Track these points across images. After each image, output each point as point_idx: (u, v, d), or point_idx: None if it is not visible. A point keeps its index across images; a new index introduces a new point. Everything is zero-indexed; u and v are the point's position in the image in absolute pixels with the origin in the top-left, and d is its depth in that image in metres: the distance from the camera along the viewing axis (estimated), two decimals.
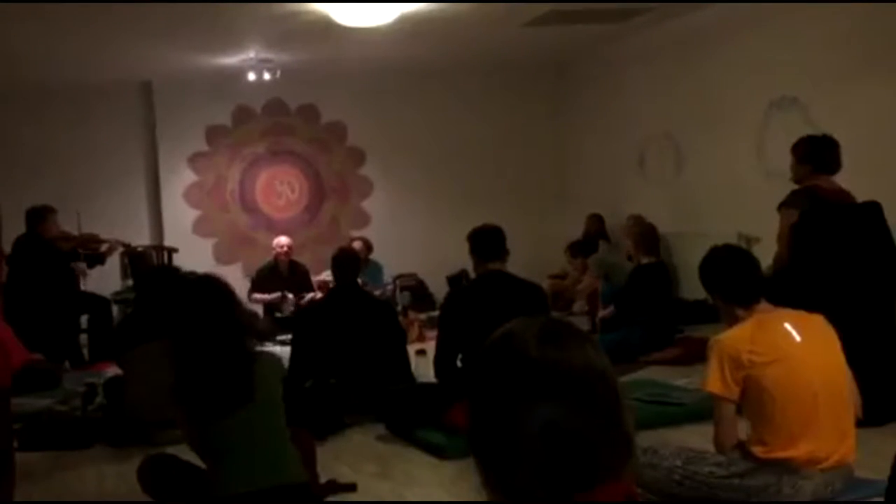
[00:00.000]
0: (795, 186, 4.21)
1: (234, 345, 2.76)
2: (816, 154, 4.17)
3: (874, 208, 4.09)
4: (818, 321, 2.89)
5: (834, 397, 2.78)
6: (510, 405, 0.96)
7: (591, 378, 0.96)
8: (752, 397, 2.75)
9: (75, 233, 6.93)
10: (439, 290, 8.27)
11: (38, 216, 6.52)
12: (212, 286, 2.87)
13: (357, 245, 7.81)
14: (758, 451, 2.76)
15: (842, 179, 4.22)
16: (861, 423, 2.89)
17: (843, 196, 4.13)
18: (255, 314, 3.66)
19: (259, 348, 2.94)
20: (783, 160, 4.39)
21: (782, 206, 4.10)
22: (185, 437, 2.85)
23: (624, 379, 4.95)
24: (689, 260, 7.10)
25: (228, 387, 2.69)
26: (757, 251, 5.29)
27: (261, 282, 7.72)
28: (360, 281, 5.34)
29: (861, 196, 4.17)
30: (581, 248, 7.92)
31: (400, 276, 8.66)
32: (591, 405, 0.95)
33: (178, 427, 2.86)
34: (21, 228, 6.46)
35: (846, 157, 4.32)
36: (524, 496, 0.96)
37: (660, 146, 7.97)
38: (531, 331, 0.99)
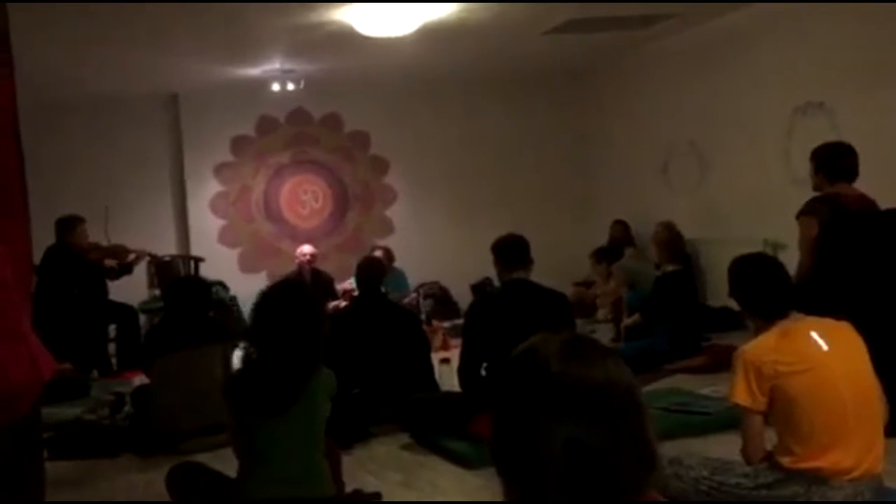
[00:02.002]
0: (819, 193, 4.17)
1: (307, 349, 2.78)
2: (830, 162, 4.12)
3: None
4: (845, 329, 2.86)
5: (862, 406, 2.75)
6: (533, 421, 0.96)
7: (613, 393, 0.96)
8: (780, 407, 2.73)
9: (104, 240, 7.02)
10: (463, 298, 8.28)
11: (68, 226, 6.61)
12: (300, 293, 2.94)
13: (378, 254, 7.84)
14: (785, 461, 2.74)
15: (869, 185, 4.17)
16: (889, 433, 2.86)
17: (866, 203, 4.08)
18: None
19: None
20: (809, 166, 4.36)
21: (801, 215, 4.07)
22: (231, 437, 2.88)
23: (649, 388, 4.93)
24: (714, 267, 7.09)
25: (282, 388, 2.72)
26: (783, 258, 5.25)
27: None
28: (383, 290, 5.35)
29: (888, 202, 4.12)
30: (605, 255, 7.89)
31: (424, 285, 8.68)
32: (614, 420, 0.95)
33: (214, 432, 2.89)
34: (50, 241, 6.54)
35: (873, 163, 4.27)
36: None
37: (683, 152, 7.93)
38: (552, 347, 0.99)
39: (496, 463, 1.01)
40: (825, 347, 2.76)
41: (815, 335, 2.78)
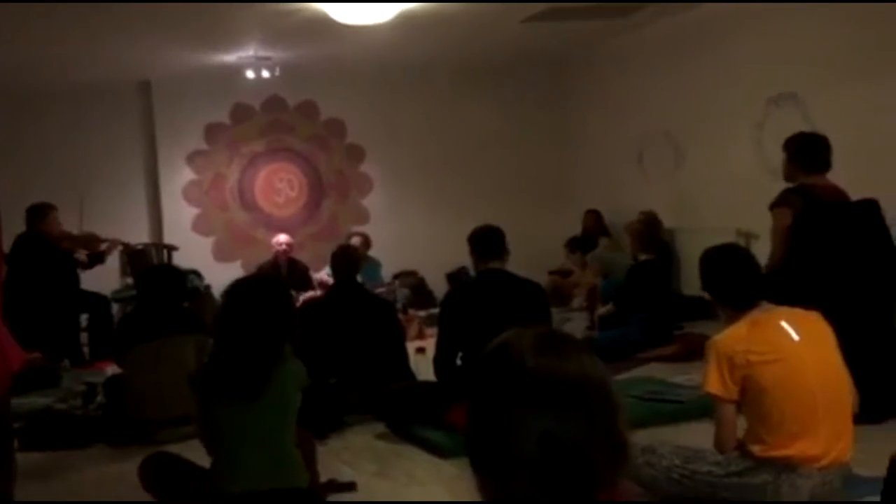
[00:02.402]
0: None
1: (271, 342, 2.77)
2: (804, 152, 4.15)
3: (871, 206, 4.09)
4: (815, 319, 2.89)
5: (832, 395, 2.79)
6: (506, 415, 0.97)
7: (587, 387, 0.97)
8: (751, 396, 2.76)
9: (76, 229, 6.94)
10: (438, 287, 8.29)
11: (39, 213, 6.52)
12: (277, 288, 2.94)
13: (356, 240, 7.82)
14: (756, 449, 2.77)
15: (841, 176, 4.21)
16: (859, 421, 2.90)
17: (838, 194, 4.12)
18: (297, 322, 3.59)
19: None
20: (782, 156, 4.39)
21: (774, 206, 4.10)
22: (198, 428, 2.87)
23: (622, 376, 4.97)
24: (687, 256, 7.15)
25: (245, 378, 2.71)
26: (756, 247, 5.31)
27: None
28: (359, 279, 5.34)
29: (861, 193, 4.16)
30: (580, 245, 7.94)
31: (400, 274, 8.67)
32: (587, 414, 0.96)
33: (188, 422, 2.88)
34: (21, 229, 6.45)
35: (845, 154, 4.31)
36: None
37: (658, 142, 7.98)
38: (527, 341, 1.00)
39: (470, 457, 1.02)
40: (796, 337, 2.79)
41: (785, 325, 2.81)
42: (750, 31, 6.79)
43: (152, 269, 6.60)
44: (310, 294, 7.65)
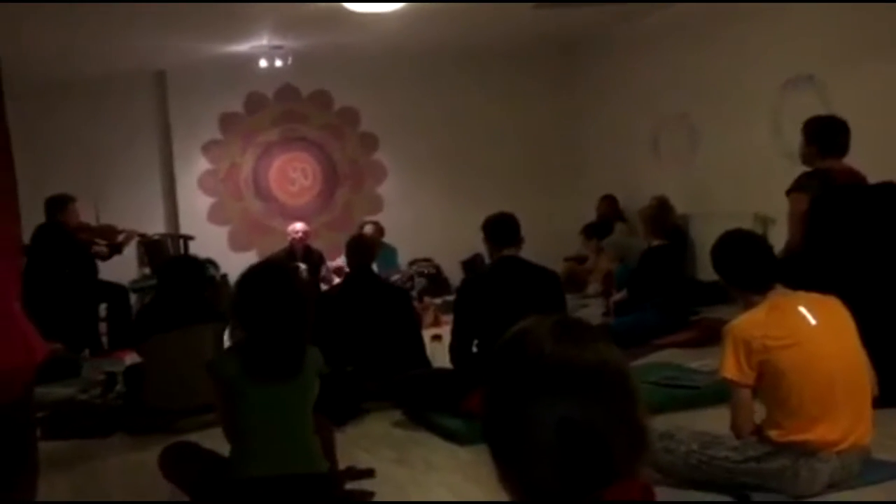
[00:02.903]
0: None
1: (297, 329, 2.83)
2: (822, 136, 4.11)
3: (890, 189, 4.05)
4: (833, 303, 2.88)
5: (850, 379, 2.78)
6: (525, 402, 0.97)
7: (605, 374, 0.97)
8: (768, 381, 2.75)
9: (93, 222, 6.99)
10: (454, 274, 8.29)
11: (58, 205, 6.57)
12: (288, 273, 3.04)
13: (368, 230, 7.84)
14: (774, 434, 2.77)
15: (858, 159, 4.18)
16: (878, 405, 2.89)
17: (856, 178, 4.08)
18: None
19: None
20: (799, 139, 4.35)
21: (791, 191, 4.06)
22: (219, 414, 2.90)
23: (639, 362, 4.96)
24: (704, 241, 7.08)
25: (281, 358, 2.77)
26: (773, 232, 5.27)
27: None
28: (374, 267, 5.36)
29: (878, 175, 4.13)
30: (595, 231, 7.91)
31: (416, 261, 8.69)
32: (606, 401, 0.96)
33: (207, 411, 2.91)
34: (39, 220, 6.50)
35: (863, 137, 4.26)
36: (541, 493, 0.97)
37: (674, 127, 7.93)
38: (545, 328, 1.00)
39: (489, 444, 1.02)
40: (813, 322, 2.78)
41: (803, 310, 2.80)
42: (766, 13, 6.71)
43: (173, 259, 6.65)
44: (333, 279, 7.66)
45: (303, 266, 7.63)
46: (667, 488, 2.78)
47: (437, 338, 5.03)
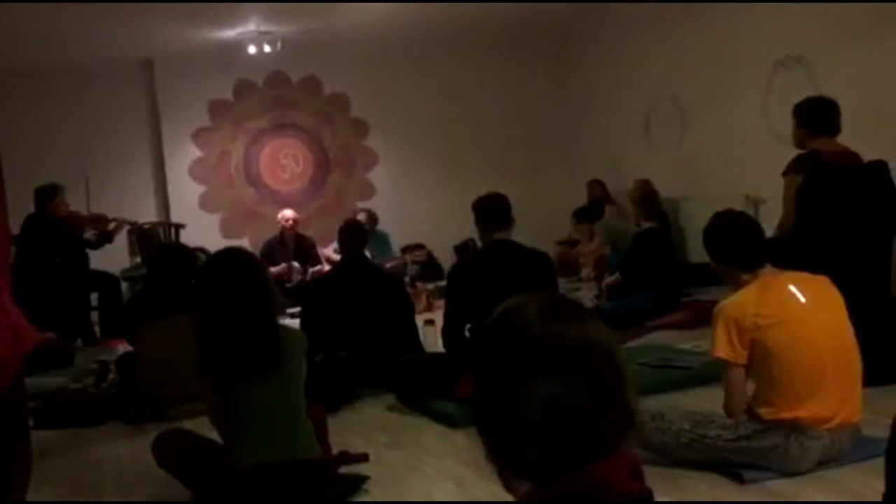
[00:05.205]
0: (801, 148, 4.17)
1: (264, 313, 2.80)
2: (812, 117, 4.11)
3: (880, 168, 4.06)
4: (823, 283, 2.90)
5: (840, 357, 2.80)
6: (512, 380, 0.97)
7: (592, 352, 0.97)
8: (759, 359, 2.77)
9: (83, 209, 6.95)
10: (446, 259, 8.30)
11: (47, 194, 6.53)
12: (243, 258, 2.94)
13: (361, 217, 7.83)
14: (764, 412, 2.78)
15: (849, 139, 4.18)
16: (868, 383, 2.91)
17: (849, 158, 4.08)
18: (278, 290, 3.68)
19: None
20: (789, 121, 4.35)
21: (786, 173, 4.07)
22: (207, 408, 2.89)
23: (631, 344, 4.99)
24: (695, 223, 7.10)
25: (257, 352, 2.74)
26: (764, 213, 5.28)
27: (268, 255, 7.76)
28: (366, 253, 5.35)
29: (868, 155, 4.13)
30: (587, 215, 7.92)
31: (409, 247, 8.69)
32: (593, 379, 0.96)
33: (200, 399, 2.91)
34: (28, 210, 6.47)
35: (854, 116, 4.26)
36: (529, 470, 0.98)
37: (665, 108, 7.92)
38: (532, 307, 1.00)
39: (477, 422, 1.03)
40: (803, 300, 2.80)
41: (793, 288, 2.81)
42: None
43: (164, 248, 6.62)
44: (317, 268, 7.69)
45: (297, 265, 7.66)
46: (660, 468, 2.80)
47: (430, 322, 5.04)
